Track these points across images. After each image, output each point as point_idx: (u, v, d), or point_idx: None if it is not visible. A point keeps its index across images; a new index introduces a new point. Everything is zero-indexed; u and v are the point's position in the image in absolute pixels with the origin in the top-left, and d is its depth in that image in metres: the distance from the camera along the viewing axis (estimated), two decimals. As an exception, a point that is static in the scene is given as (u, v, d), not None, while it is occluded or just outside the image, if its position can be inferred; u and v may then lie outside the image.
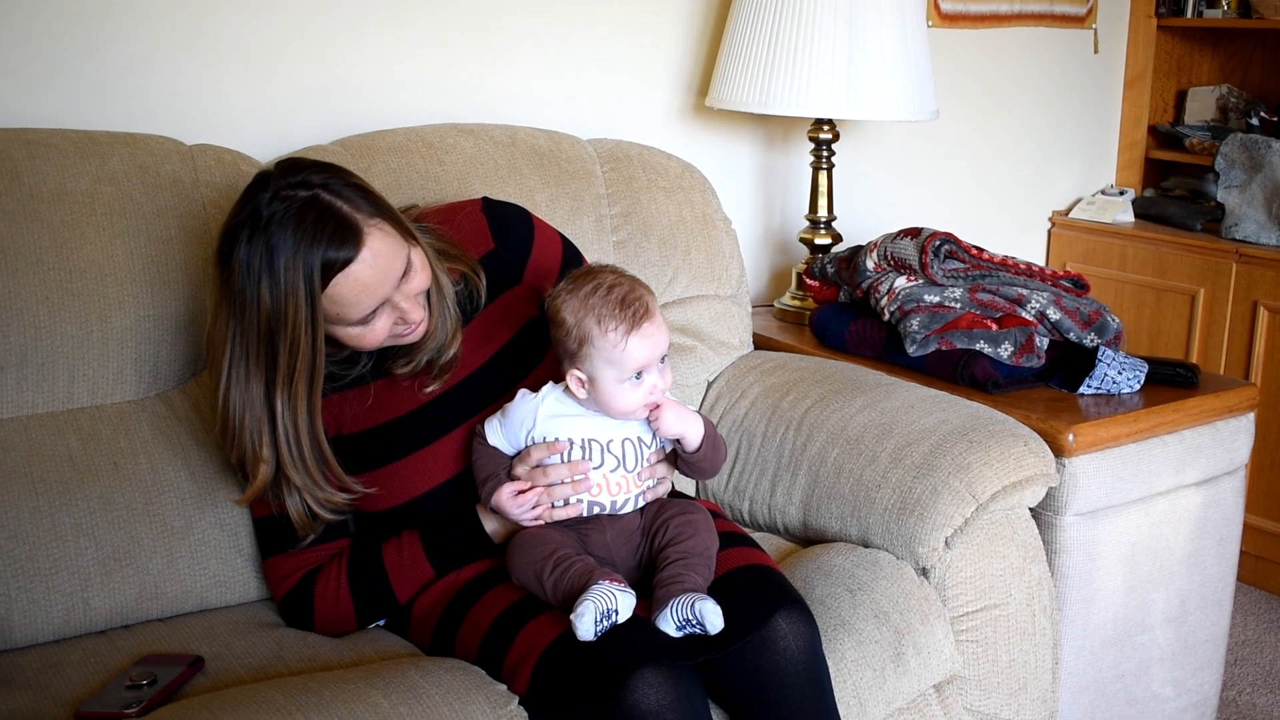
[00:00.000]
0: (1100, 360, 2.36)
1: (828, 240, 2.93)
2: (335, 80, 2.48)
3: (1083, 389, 2.36)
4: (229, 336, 1.68)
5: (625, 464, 1.80)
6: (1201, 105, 3.91)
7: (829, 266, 2.69)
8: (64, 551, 1.81)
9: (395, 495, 1.86)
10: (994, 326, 2.39)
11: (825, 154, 2.90)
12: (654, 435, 1.82)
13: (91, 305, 1.92)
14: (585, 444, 1.79)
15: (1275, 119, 3.68)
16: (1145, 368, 2.39)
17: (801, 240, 2.96)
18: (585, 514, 1.79)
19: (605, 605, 1.60)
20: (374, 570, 1.84)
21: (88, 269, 1.92)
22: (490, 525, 1.83)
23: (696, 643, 1.64)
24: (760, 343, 2.69)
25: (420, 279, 1.75)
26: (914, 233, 2.49)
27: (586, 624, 1.58)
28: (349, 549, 1.87)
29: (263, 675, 1.70)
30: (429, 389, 1.87)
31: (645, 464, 1.81)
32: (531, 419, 1.80)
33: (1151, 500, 2.33)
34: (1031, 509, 2.16)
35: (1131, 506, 2.30)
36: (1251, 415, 2.46)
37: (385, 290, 1.69)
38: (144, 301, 1.96)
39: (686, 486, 2.35)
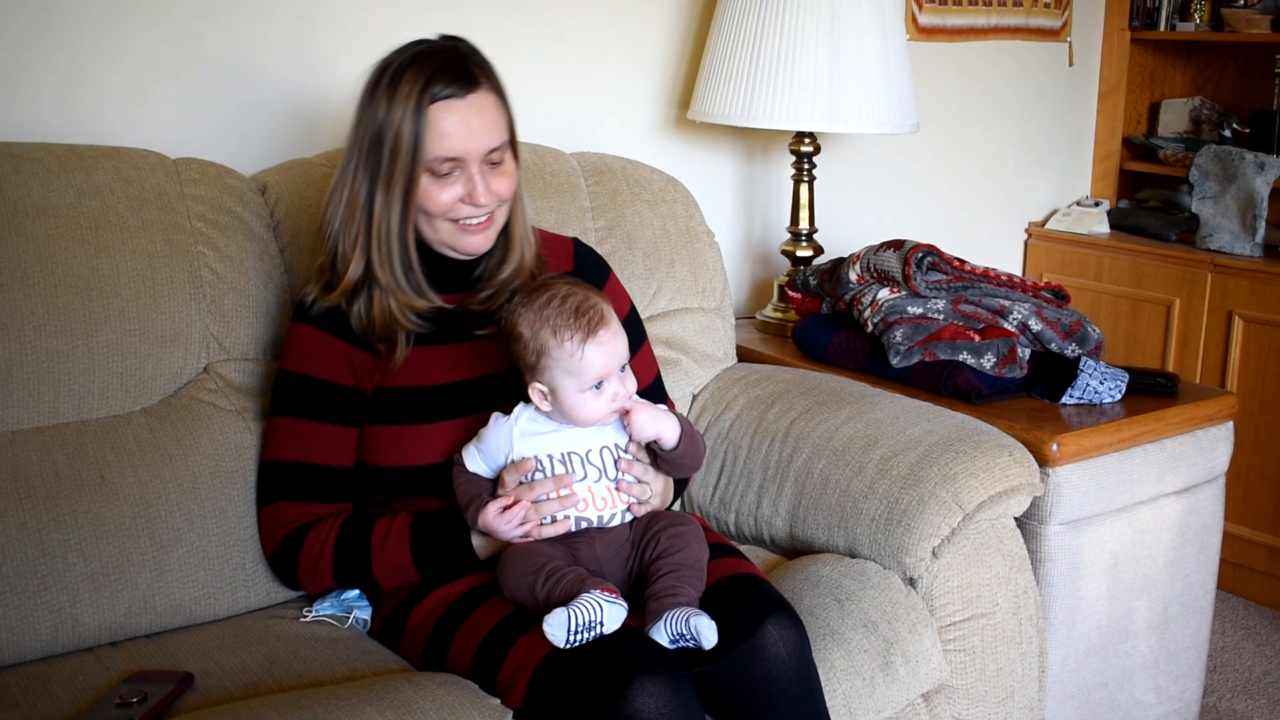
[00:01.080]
0: (1082, 370, 2.38)
1: (809, 252, 2.94)
2: (319, 93, 2.47)
3: (1065, 399, 2.38)
4: (350, 149, 1.84)
5: (607, 473, 1.80)
6: (1175, 117, 3.95)
7: (811, 279, 2.70)
8: (51, 568, 1.80)
9: (410, 455, 1.89)
10: (977, 338, 2.41)
11: (806, 166, 2.91)
12: (629, 439, 1.82)
13: (77, 319, 1.91)
14: (565, 458, 1.79)
15: (1248, 131, 3.71)
16: (1126, 378, 2.41)
17: (783, 252, 2.97)
18: (574, 529, 1.79)
19: (587, 616, 1.60)
20: (359, 544, 1.86)
21: (73, 283, 1.91)
22: (478, 541, 1.83)
23: (689, 654, 1.64)
24: (743, 355, 2.70)
25: (505, 182, 1.86)
26: (896, 245, 2.50)
27: (556, 628, 1.59)
28: (347, 513, 1.90)
29: (254, 691, 1.69)
30: (480, 332, 1.91)
31: (623, 474, 1.81)
32: (508, 441, 1.80)
33: (1134, 509, 2.35)
34: (1016, 518, 2.17)
35: (1114, 515, 2.32)
36: (1230, 424, 2.49)
37: (474, 146, 1.81)
38: (129, 315, 1.95)
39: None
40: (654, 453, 1.85)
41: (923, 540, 2.01)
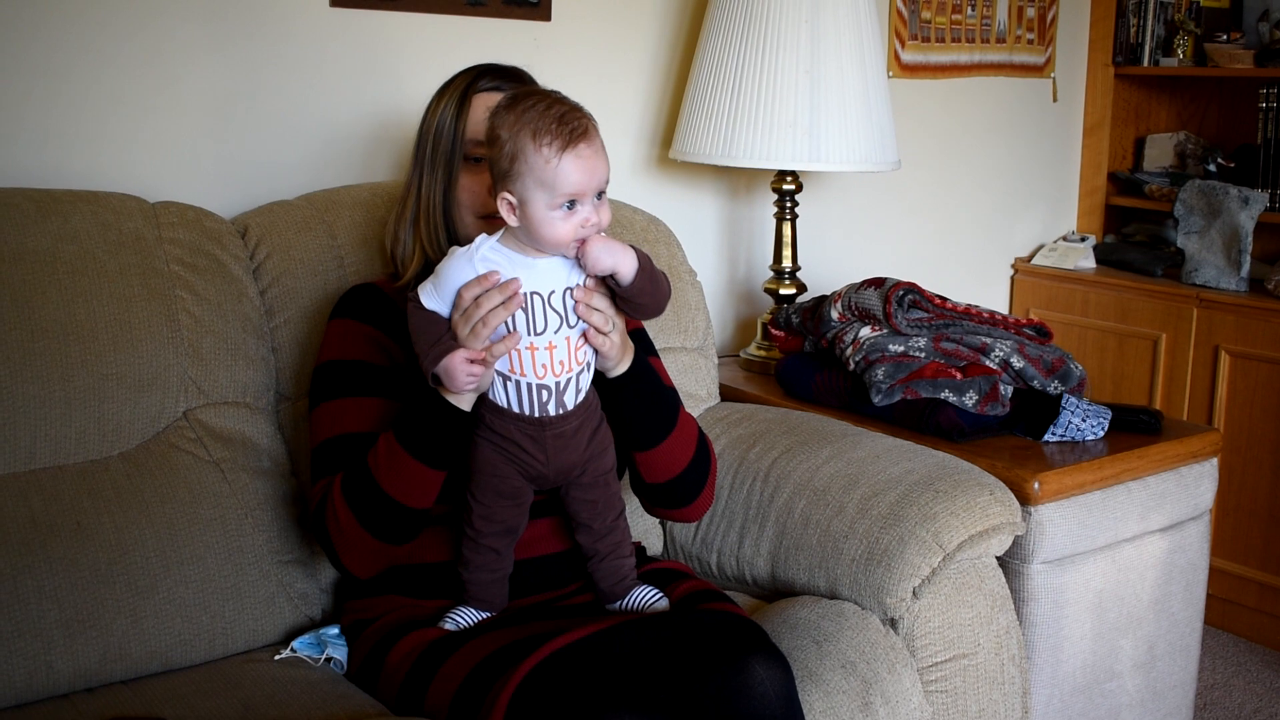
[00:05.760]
0: (1064, 408, 2.37)
1: (792, 290, 2.94)
2: (299, 136, 2.48)
3: (1047, 437, 2.37)
4: (410, 161, 1.99)
5: (568, 320, 1.72)
6: (1160, 152, 3.96)
7: (794, 316, 2.70)
8: (26, 614, 1.78)
9: None
10: (958, 375, 2.41)
11: (788, 205, 2.92)
12: (584, 276, 1.72)
13: (53, 365, 1.90)
14: (527, 298, 1.70)
15: (1232, 165, 3.72)
16: (1109, 415, 2.41)
17: (766, 290, 2.97)
18: (534, 410, 1.73)
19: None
20: (363, 478, 1.78)
21: (49, 328, 1.91)
22: (463, 402, 1.75)
23: (668, 677, 1.63)
24: (726, 393, 2.70)
25: None
26: (878, 283, 2.50)
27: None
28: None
29: (228, 738, 1.68)
30: None
31: (584, 301, 1.73)
32: (470, 268, 1.70)
33: (1118, 547, 2.34)
34: (998, 558, 2.16)
35: (1098, 554, 2.31)
36: (1215, 460, 2.48)
37: None
38: (106, 360, 1.94)
39: (655, 542, 2.35)
40: (615, 296, 1.75)
41: (903, 580, 2.00)
